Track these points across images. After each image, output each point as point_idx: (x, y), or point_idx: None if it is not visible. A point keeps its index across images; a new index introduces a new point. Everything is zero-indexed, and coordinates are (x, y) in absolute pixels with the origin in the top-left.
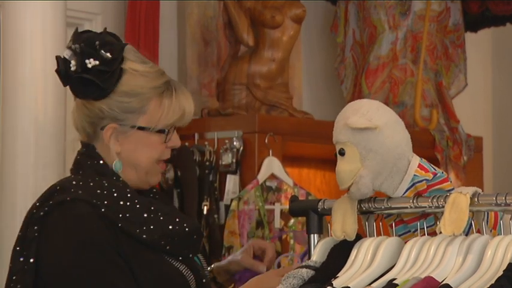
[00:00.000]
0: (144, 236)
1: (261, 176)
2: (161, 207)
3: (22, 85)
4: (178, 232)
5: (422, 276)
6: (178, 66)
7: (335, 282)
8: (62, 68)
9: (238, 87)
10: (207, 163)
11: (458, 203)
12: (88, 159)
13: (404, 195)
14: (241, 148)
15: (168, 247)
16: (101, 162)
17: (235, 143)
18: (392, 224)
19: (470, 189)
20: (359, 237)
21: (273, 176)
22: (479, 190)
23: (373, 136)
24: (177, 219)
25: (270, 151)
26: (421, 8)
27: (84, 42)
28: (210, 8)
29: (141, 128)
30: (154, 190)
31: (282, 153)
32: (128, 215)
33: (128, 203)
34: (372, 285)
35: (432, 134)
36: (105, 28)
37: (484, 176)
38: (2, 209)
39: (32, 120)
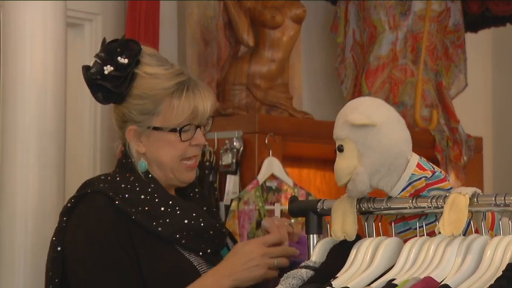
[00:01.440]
0: (160, 229)
1: (261, 177)
2: (180, 202)
3: (22, 85)
4: (193, 227)
5: (422, 277)
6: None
7: (334, 283)
8: (84, 75)
9: (239, 87)
10: (207, 163)
11: (458, 203)
12: (124, 158)
13: (400, 194)
14: (241, 148)
15: (183, 241)
16: (132, 160)
17: (235, 143)
18: (391, 221)
19: (470, 190)
20: (358, 237)
21: (273, 177)
22: (479, 190)
23: (372, 133)
24: (194, 214)
25: (270, 151)
26: (421, 8)
27: (106, 50)
28: (210, 8)
29: (156, 128)
30: (196, 190)
31: (282, 153)
32: (146, 208)
33: (148, 197)
34: (371, 285)
35: (432, 134)
36: (124, 35)
37: (484, 176)
38: (2, 209)
39: (32, 120)
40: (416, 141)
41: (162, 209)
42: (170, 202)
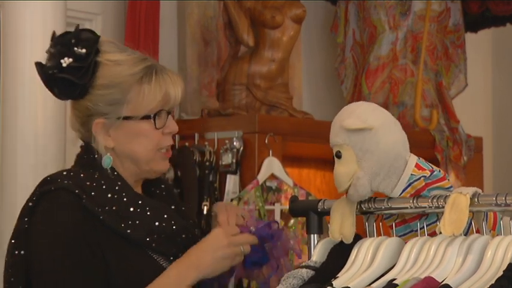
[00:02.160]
0: (128, 231)
1: (261, 176)
2: (150, 202)
3: (22, 85)
4: (165, 230)
5: (422, 277)
6: (178, 66)
7: (335, 283)
8: (39, 72)
9: (238, 87)
10: (207, 163)
11: (458, 203)
12: (85, 154)
13: (401, 195)
14: (241, 148)
15: (154, 244)
16: (96, 156)
17: (235, 143)
18: (392, 225)
19: (470, 190)
20: (359, 237)
21: (273, 176)
22: (479, 190)
23: (369, 137)
24: (165, 216)
25: (270, 151)
26: (421, 8)
27: (60, 43)
28: (210, 8)
29: (126, 118)
30: (162, 186)
31: (282, 153)
32: (114, 208)
33: (116, 196)
34: (371, 285)
35: (432, 134)
36: (78, 25)
37: (484, 176)
38: (2, 209)
39: (32, 120)
40: (416, 141)
41: (131, 209)
42: (140, 202)
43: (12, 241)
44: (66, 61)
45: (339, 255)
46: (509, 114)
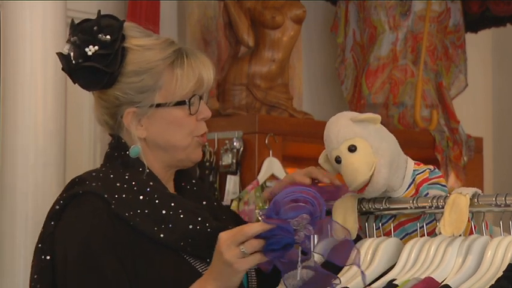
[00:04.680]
0: (162, 235)
1: (261, 177)
2: (183, 203)
3: (22, 85)
4: (199, 232)
5: (423, 277)
6: None
7: (335, 283)
8: (63, 64)
9: (239, 87)
10: (207, 164)
11: (458, 203)
12: (115, 151)
13: (408, 190)
14: (241, 149)
15: (188, 248)
16: (128, 153)
17: (235, 144)
18: (390, 230)
19: (470, 190)
20: (359, 237)
21: (273, 177)
22: (479, 191)
23: (379, 129)
24: (199, 218)
25: (270, 151)
26: (421, 9)
27: (82, 31)
28: (210, 8)
29: (159, 105)
30: (193, 181)
31: (282, 153)
32: (146, 211)
33: (147, 198)
34: (372, 285)
35: (432, 134)
36: (99, 11)
37: (484, 177)
38: (1, 209)
39: (32, 120)
40: (416, 142)
41: (164, 212)
42: (172, 204)
43: (39, 245)
44: (91, 49)
45: None
46: (509, 114)
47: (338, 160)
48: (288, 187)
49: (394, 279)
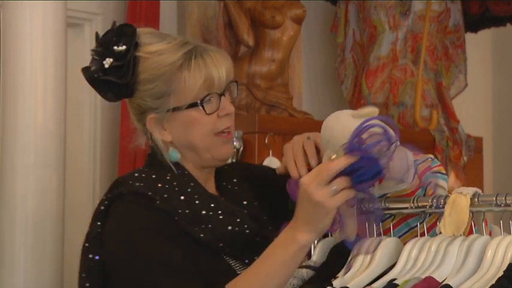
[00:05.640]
0: (202, 235)
1: None
2: (223, 205)
3: (22, 85)
4: (238, 234)
5: (423, 277)
6: None
7: (335, 282)
8: (86, 78)
9: (239, 87)
10: None
11: (459, 203)
12: (154, 154)
13: (414, 180)
14: (242, 148)
15: (227, 250)
16: (159, 155)
17: (235, 143)
18: (390, 228)
19: (471, 190)
20: (358, 237)
21: None
22: (479, 191)
23: None
24: (238, 220)
25: (270, 151)
26: (421, 9)
27: (101, 44)
28: (210, 8)
29: (175, 109)
30: (234, 180)
31: (282, 153)
32: (187, 211)
33: (188, 198)
34: (372, 285)
35: (432, 134)
36: (114, 22)
37: (484, 177)
38: (1, 209)
39: (32, 120)
40: (416, 142)
41: (204, 212)
42: (212, 205)
43: (86, 244)
44: (108, 62)
45: (339, 255)
46: (509, 114)
47: None
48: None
49: (394, 279)
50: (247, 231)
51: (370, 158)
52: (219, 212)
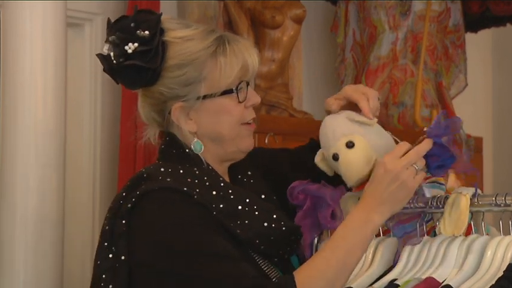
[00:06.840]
0: (238, 231)
1: None
2: (257, 201)
3: (22, 85)
4: (274, 231)
5: (424, 277)
6: None
7: None
8: (104, 65)
9: None
10: None
11: (458, 203)
12: (171, 148)
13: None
14: None
15: (262, 246)
16: (187, 151)
17: None
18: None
19: (470, 190)
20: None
21: None
22: (479, 190)
23: (376, 127)
24: (274, 216)
25: None
26: (421, 9)
27: (120, 29)
28: (210, 8)
29: (206, 96)
30: (249, 173)
31: None
32: (221, 206)
33: (221, 193)
34: (373, 285)
35: None
36: (136, 6)
37: (484, 176)
38: (2, 209)
39: (32, 120)
40: (416, 142)
41: (240, 207)
42: (247, 200)
43: (105, 244)
44: (131, 47)
45: None
46: (509, 114)
47: (336, 157)
48: None
49: (395, 279)
50: (283, 228)
51: (445, 145)
52: (255, 207)
